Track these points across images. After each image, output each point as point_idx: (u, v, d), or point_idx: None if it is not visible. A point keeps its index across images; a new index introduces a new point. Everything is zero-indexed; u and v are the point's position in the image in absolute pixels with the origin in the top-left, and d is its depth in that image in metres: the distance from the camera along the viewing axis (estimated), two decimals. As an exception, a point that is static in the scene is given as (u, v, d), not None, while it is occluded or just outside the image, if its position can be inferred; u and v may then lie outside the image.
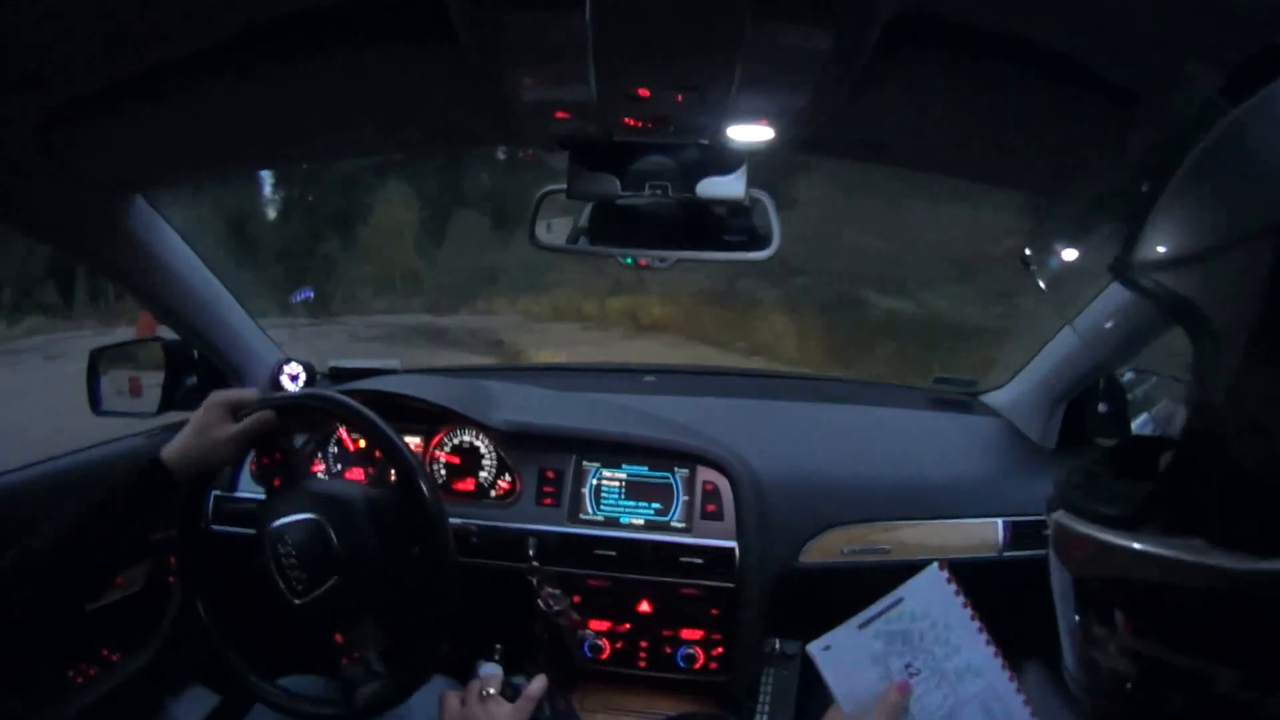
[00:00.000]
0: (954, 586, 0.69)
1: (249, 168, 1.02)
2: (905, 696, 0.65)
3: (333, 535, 0.89)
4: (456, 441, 1.29)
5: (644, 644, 1.21)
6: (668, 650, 1.21)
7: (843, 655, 0.67)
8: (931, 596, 0.69)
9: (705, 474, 1.21)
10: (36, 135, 0.74)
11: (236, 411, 0.90)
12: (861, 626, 0.68)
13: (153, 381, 1.34)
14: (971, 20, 0.58)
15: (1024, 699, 0.66)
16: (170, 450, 0.86)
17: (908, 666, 0.67)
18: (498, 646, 1.01)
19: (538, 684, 0.88)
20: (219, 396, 0.90)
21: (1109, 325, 1.13)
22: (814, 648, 0.68)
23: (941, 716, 0.65)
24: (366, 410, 0.93)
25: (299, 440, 1.26)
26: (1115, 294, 1.11)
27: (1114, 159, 0.76)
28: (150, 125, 0.79)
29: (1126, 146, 0.64)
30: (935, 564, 0.70)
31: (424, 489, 0.91)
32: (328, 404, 0.96)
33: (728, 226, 0.91)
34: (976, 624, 0.68)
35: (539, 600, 1.13)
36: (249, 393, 0.94)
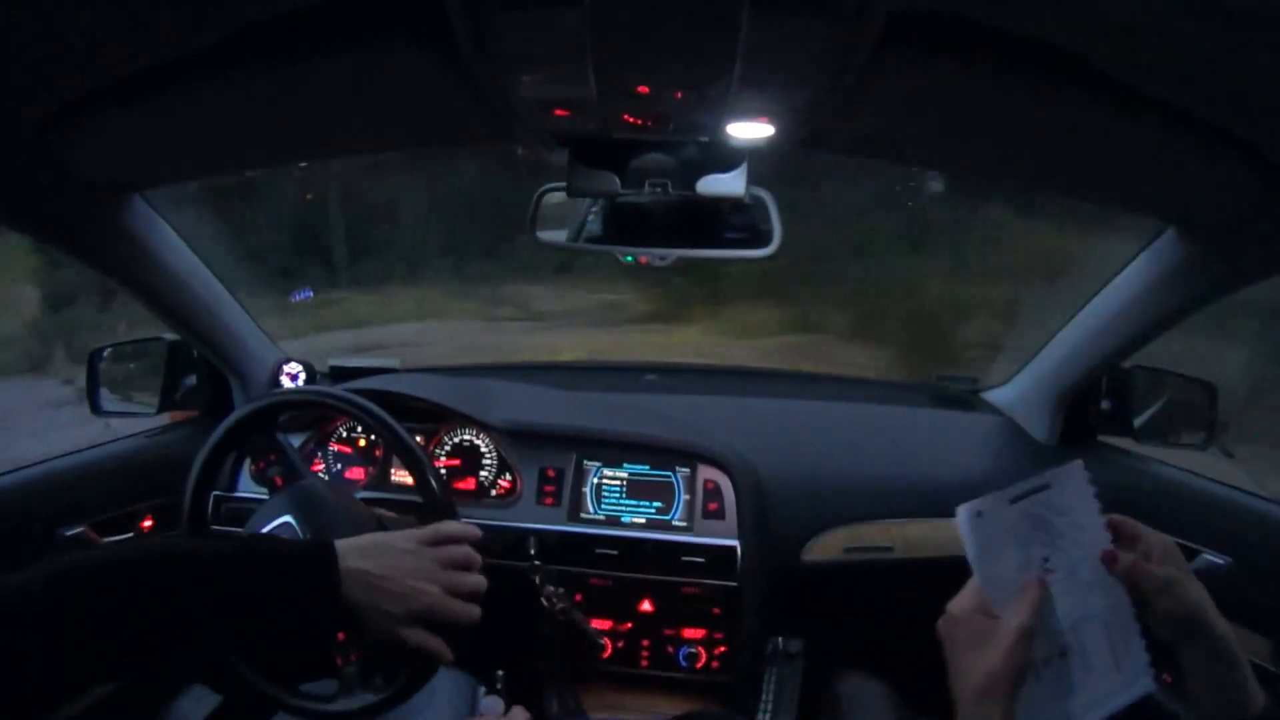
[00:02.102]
0: (1095, 489, 0.63)
1: (247, 168, 1.02)
2: (1044, 593, 0.59)
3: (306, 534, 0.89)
4: (457, 440, 1.29)
5: (646, 643, 1.21)
6: (670, 649, 1.21)
7: (991, 527, 0.61)
8: (1076, 493, 0.63)
9: (706, 472, 1.21)
10: (35, 135, 0.74)
11: None
12: (1013, 501, 0.61)
13: (152, 381, 1.34)
14: (972, 16, 0.57)
15: (1142, 635, 0.61)
16: None
17: (1045, 560, 0.61)
18: (499, 674, 1.00)
19: (520, 713, 0.84)
20: None
21: (1113, 322, 1.13)
22: (965, 510, 0.60)
23: (1068, 625, 0.60)
24: (377, 408, 0.93)
25: (297, 440, 1.26)
26: (1120, 290, 1.11)
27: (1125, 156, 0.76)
28: (149, 125, 0.78)
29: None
30: (1080, 461, 0.64)
31: (434, 486, 0.91)
32: (340, 402, 0.95)
33: (728, 223, 0.91)
34: (1110, 535, 0.62)
35: (543, 599, 1.13)
36: None
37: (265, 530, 0.91)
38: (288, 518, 0.90)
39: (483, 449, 1.28)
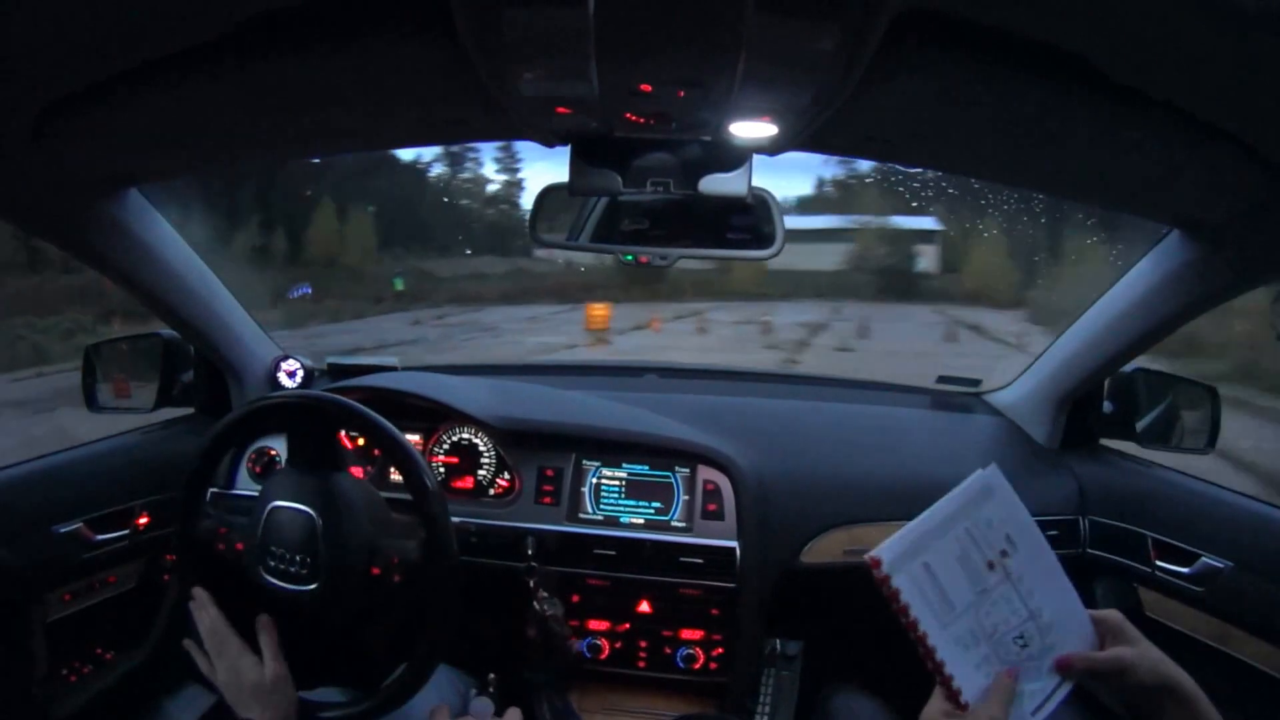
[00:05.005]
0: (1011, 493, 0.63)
1: (246, 161, 1.01)
2: (1015, 680, 0.59)
3: (323, 528, 0.89)
4: (455, 439, 1.28)
5: (643, 644, 1.21)
6: (667, 650, 1.20)
7: (937, 572, 0.61)
8: (1002, 501, 0.64)
9: (706, 473, 1.20)
10: (32, 129, 0.73)
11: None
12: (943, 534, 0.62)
13: (149, 378, 1.33)
14: (977, 17, 0.57)
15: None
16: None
17: (995, 569, 0.62)
18: (491, 677, 0.99)
19: (514, 715, 0.86)
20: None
21: (1117, 325, 1.13)
22: (904, 577, 0.60)
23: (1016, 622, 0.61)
24: (364, 409, 0.92)
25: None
26: (1124, 293, 1.10)
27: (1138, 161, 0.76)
28: (146, 119, 0.78)
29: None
30: (981, 471, 0.65)
31: (427, 484, 0.91)
32: (325, 405, 0.95)
33: (730, 224, 0.90)
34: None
35: (534, 602, 1.12)
36: None
37: (281, 506, 0.90)
38: (306, 508, 0.90)
39: (481, 448, 1.27)
